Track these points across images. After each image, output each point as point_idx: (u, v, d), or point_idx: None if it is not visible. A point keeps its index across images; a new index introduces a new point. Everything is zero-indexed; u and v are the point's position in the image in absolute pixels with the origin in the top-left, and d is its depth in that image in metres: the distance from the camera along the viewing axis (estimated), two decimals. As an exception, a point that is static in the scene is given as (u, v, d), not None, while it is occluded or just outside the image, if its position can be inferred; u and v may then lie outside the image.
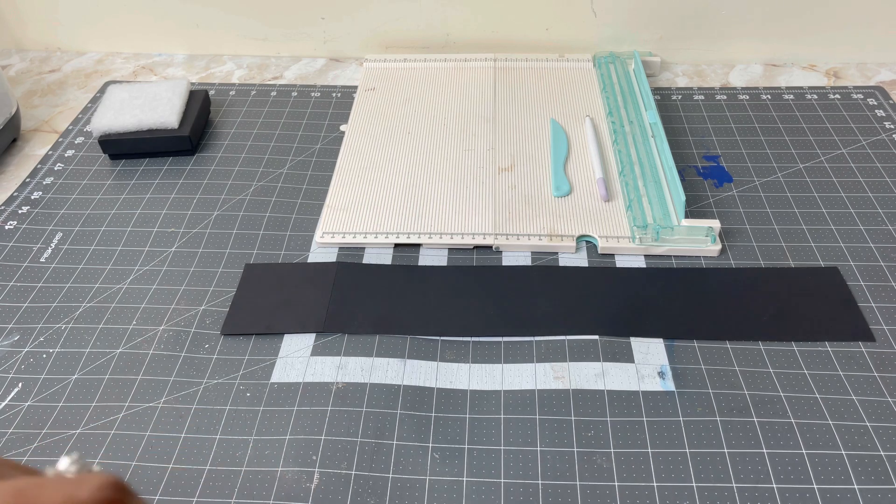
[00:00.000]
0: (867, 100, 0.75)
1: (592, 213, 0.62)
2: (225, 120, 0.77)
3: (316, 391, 0.49)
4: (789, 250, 0.58)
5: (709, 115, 0.75)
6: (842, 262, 0.57)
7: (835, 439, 0.45)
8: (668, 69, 0.83)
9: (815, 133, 0.71)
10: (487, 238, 0.60)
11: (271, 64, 0.88)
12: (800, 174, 0.66)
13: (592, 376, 0.49)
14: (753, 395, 0.47)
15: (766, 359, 0.50)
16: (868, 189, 0.64)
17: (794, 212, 0.62)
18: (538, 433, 0.46)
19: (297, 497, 0.43)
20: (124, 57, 0.91)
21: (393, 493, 0.43)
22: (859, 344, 0.51)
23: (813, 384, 0.48)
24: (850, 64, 0.82)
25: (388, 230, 0.61)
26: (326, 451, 0.45)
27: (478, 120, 0.73)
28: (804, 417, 0.46)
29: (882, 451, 0.44)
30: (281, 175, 0.69)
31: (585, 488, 0.43)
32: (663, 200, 0.61)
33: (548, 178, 0.66)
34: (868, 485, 0.42)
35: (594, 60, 0.82)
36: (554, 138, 0.70)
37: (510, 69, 0.81)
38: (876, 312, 0.53)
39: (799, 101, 0.76)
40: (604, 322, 0.53)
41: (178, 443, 0.47)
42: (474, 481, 0.44)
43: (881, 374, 0.48)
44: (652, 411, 0.47)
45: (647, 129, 0.69)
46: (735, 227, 0.61)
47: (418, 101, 0.76)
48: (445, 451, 0.45)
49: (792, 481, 0.43)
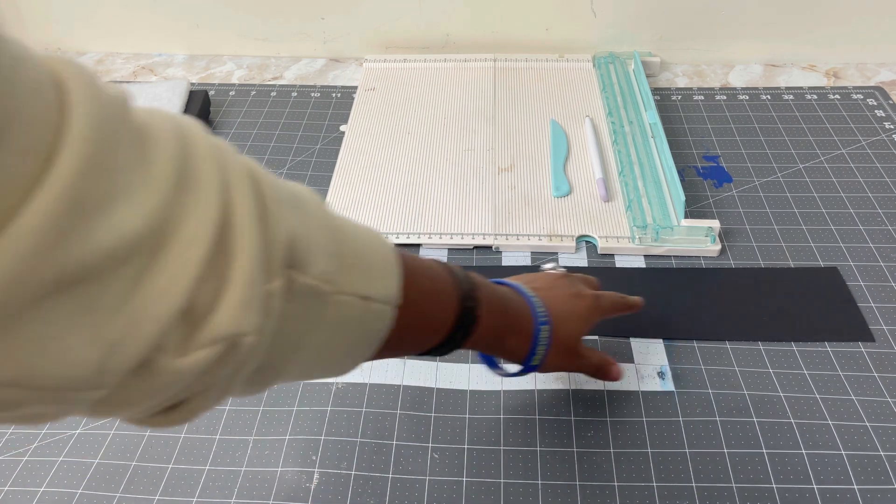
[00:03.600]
0: (867, 100, 0.75)
1: (592, 214, 0.62)
2: (225, 120, 0.77)
3: (315, 391, 0.49)
4: (789, 250, 0.58)
5: (708, 115, 0.75)
6: (841, 262, 0.57)
7: (834, 439, 0.45)
8: (668, 69, 0.83)
9: (815, 133, 0.71)
10: (487, 238, 0.60)
11: (271, 64, 0.88)
12: (799, 174, 0.66)
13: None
14: (753, 396, 0.47)
15: (766, 359, 0.50)
16: (868, 189, 0.64)
17: (794, 212, 0.62)
18: (538, 433, 0.46)
19: (296, 497, 0.43)
20: (124, 57, 0.91)
21: (393, 493, 0.43)
22: (859, 344, 0.51)
23: (812, 384, 0.48)
24: (850, 64, 0.82)
25: (388, 230, 0.61)
26: (326, 451, 0.45)
27: (478, 120, 0.73)
28: (804, 417, 0.46)
29: (882, 451, 0.44)
30: (281, 175, 0.69)
31: (585, 488, 0.43)
32: (663, 200, 0.61)
33: (548, 178, 0.66)
34: (868, 485, 0.42)
35: (594, 61, 0.82)
36: (554, 138, 0.70)
37: (510, 69, 0.81)
38: (875, 312, 0.53)
39: (799, 101, 0.76)
40: (603, 322, 0.53)
41: (178, 443, 0.47)
42: (474, 481, 0.44)
43: (881, 374, 0.48)
44: (651, 411, 0.47)
45: (647, 129, 0.69)
46: (735, 228, 0.61)
47: (418, 101, 0.76)
48: (445, 451, 0.45)
49: (791, 481, 0.43)
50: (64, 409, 0.22)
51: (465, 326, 0.34)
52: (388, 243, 0.31)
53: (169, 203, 0.21)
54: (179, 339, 0.22)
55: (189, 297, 0.22)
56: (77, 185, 0.18)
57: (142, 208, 0.20)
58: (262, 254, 0.24)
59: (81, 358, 0.20)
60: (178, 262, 0.21)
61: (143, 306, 0.21)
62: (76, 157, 0.18)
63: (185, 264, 0.21)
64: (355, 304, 0.28)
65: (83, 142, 0.19)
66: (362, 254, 0.29)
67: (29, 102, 0.18)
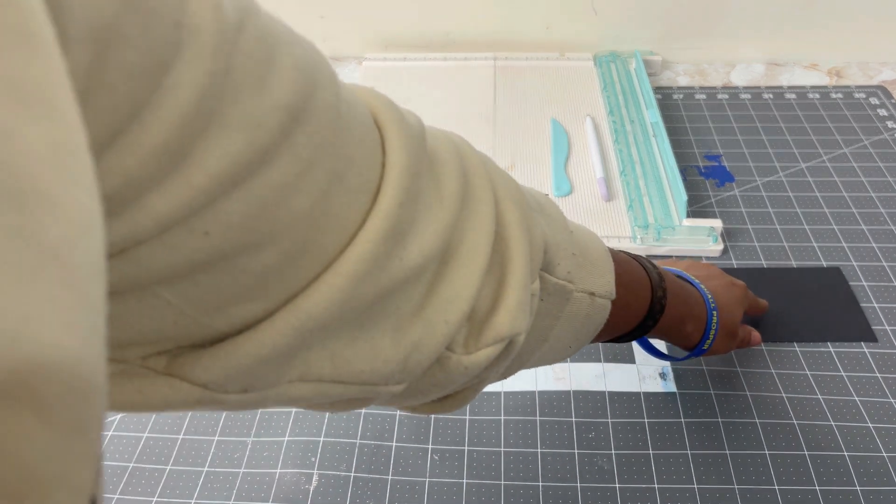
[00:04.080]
0: (869, 99, 0.75)
1: (593, 213, 0.61)
2: (224, 119, 0.77)
3: (315, 392, 0.49)
4: (791, 250, 0.58)
5: (710, 114, 0.74)
6: (844, 262, 0.57)
7: (837, 440, 0.44)
8: (670, 68, 0.83)
9: (817, 132, 0.71)
10: (488, 238, 0.60)
11: (271, 63, 0.88)
12: (802, 174, 0.66)
13: (593, 377, 0.49)
14: (755, 396, 0.47)
15: (768, 359, 0.49)
16: (870, 189, 0.63)
17: (796, 211, 0.62)
18: (539, 434, 0.46)
19: (295, 499, 0.43)
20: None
21: (392, 495, 0.43)
22: (862, 344, 0.50)
23: (815, 385, 0.48)
24: (853, 63, 0.82)
25: (388, 230, 0.61)
26: (325, 452, 0.45)
27: (478, 119, 0.73)
28: (806, 418, 0.46)
29: (885, 452, 0.44)
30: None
31: (586, 490, 0.43)
32: (664, 200, 0.61)
33: (548, 177, 0.66)
34: (870, 486, 0.42)
35: (595, 59, 0.81)
36: (554, 137, 0.70)
37: (511, 68, 0.81)
38: (878, 313, 0.52)
39: (801, 100, 0.76)
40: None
41: (176, 444, 0.46)
42: (474, 483, 0.43)
43: (884, 375, 0.48)
44: (653, 412, 0.47)
45: (649, 128, 0.69)
46: (737, 227, 0.60)
47: (418, 100, 0.76)
48: (445, 453, 0.45)
49: (794, 483, 0.42)
50: (370, 400, 0.25)
51: (655, 314, 0.37)
52: (602, 243, 0.34)
53: (457, 218, 0.24)
54: (466, 339, 0.25)
55: (473, 303, 0.24)
56: (397, 214, 0.21)
57: (438, 225, 0.23)
58: (529, 259, 0.26)
59: (389, 357, 0.23)
60: (464, 270, 0.24)
61: (436, 311, 0.23)
62: (396, 191, 0.21)
63: (470, 273, 0.24)
64: (585, 299, 0.31)
65: (400, 176, 0.21)
66: (588, 253, 0.32)
67: (362, 146, 0.21)
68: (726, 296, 0.44)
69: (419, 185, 0.22)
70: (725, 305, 0.44)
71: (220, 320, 0.19)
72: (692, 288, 0.42)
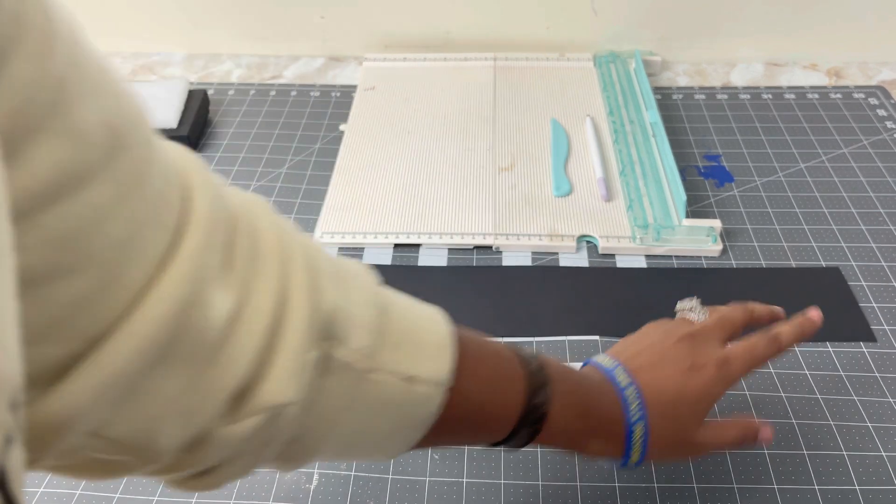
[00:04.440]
0: (868, 99, 0.75)
1: (593, 213, 0.62)
2: (224, 119, 0.77)
3: (315, 392, 0.49)
4: (790, 250, 0.58)
5: (710, 114, 0.74)
6: (843, 262, 0.57)
7: (836, 440, 0.45)
8: (669, 68, 0.83)
9: (817, 133, 0.71)
10: (487, 238, 0.60)
11: (270, 63, 0.88)
12: (801, 174, 0.66)
13: (593, 377, 0.49)
14: (755, 396, 0.47)
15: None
16: (869, 189, 0.64)
17: (796, 211, 0.62)
18: (538, 434, 0.46)
19: (296, 498, 0.43)
20: (123, 56, 0.91)
21: (392, 494, 0.43)
22: (860, 344, 0.50)
23: (814, 385, 0.48)
24: (852, 63, 0.82)
25: (388, 230, 0.61)
26: (326, 451, 0.45)
27: (478, 119, 0.73)
28: (805, 418, 0.46)
29: (884, 451, 0.44)
30: (280, 175, 0.69)
31: (586, 489, 0.43)
32: (664, 200, 0.61)
33: (548, 177, 0.66)
34: (869, 485, 0.42)
35: (595, 59, 0.81)
36: (554, 138, 0.70)
37: (510, 68, 0.81)
38: (877, 313, 0.53)
39: (800, 100, 0.76)
40: (604, 322, 0.53)
41: (176, 444, 0.46)
42: (474, 482, 0.43)
43: (882, 375, 0.48)
44: (653, 412, 0.47)
45: (648, 128, 0.69)
46: (736, 227, 0.60)
47: (418, 101, 0.76)
48: (445, 452, 0.45)
49: (793, 482, 0.43)
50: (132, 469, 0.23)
51: (532, 422, 0.31)
52: (444, 324, 0.30)
53: (246, 280, 0.23)
54: (232, 407, 0.23)
55: (254, 367, 0.23)
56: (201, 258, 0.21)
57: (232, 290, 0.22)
58: (308, 325, 0.24)
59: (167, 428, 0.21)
60: (246, 333, 0.23)
61: (213, 378, 0.22)
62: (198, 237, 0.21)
63: (252, 335, 0.23)
64: (396, 384, 0.27)
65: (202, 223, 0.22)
66: (411, 332, 0.28)
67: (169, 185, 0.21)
68: (671, 393, 0.35)
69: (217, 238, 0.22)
70: (666, 410, 0.35)
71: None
72: (610, 394, 0.35)
